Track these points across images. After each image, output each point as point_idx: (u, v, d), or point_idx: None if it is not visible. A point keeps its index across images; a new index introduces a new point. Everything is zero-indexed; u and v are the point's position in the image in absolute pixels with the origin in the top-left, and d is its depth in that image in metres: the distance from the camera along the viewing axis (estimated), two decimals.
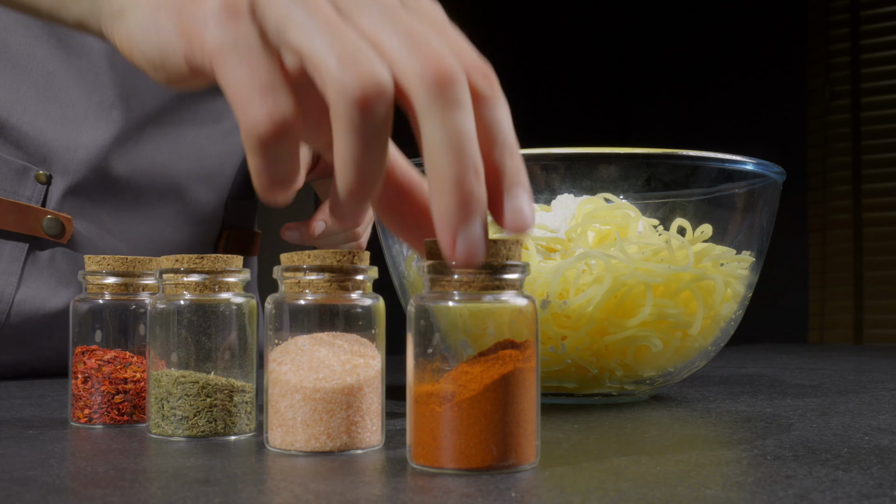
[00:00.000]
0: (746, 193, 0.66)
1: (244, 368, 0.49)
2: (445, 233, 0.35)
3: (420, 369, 0.39)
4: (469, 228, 0.35)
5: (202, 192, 0.92)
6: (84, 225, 0.84)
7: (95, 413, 0.52)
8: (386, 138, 0.35)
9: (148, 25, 0.39)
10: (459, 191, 0.34)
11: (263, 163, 0.35)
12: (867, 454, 0.42)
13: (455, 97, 0.34)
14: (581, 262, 0.59)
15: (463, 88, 0.35)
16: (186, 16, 0.37)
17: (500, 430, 0.38)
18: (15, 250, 0.81)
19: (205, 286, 0.48)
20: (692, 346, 0.63)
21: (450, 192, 0.34)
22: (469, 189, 0.34)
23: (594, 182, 0.66)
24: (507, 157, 0.36)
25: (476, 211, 0.35)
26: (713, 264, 0.63)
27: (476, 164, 0.35)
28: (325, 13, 0.35)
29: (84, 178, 0.83)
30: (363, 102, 0.34)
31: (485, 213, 0.35)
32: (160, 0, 0.39)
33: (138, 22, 0.40)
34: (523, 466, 0.38)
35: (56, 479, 0.37)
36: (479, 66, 0.36)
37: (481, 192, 0.35)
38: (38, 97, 0.81)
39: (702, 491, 0.34)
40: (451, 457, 0.38)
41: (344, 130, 0.34)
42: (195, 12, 0.37)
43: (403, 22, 0.36)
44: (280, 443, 0.43)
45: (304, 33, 0.35)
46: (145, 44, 0.40)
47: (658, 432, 0.50)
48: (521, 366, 0.38)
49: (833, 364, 1.02)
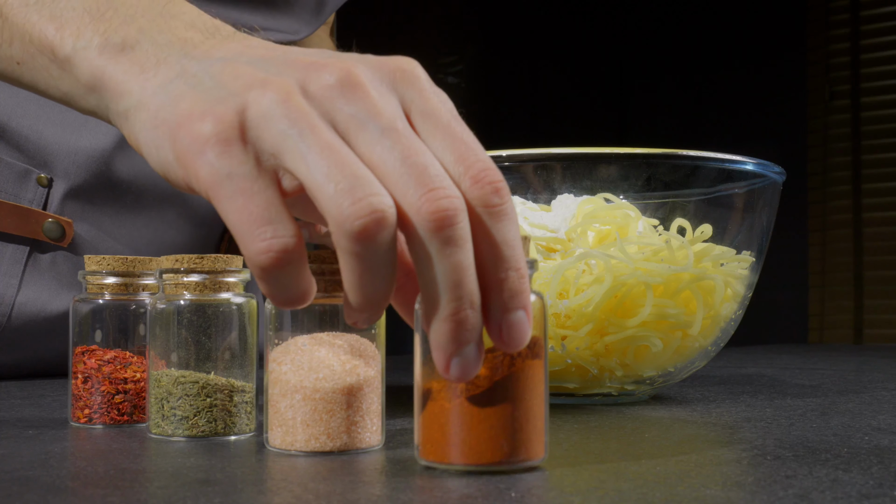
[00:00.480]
0: (746, 193, 0.66)
1: (244, 368, 0.49)
2: (440, 357, 0.35)
3: (429, 367, 0.39)
4: (463, 353, 0.35)
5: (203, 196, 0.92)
6: (85, 228, 0.84)
7: (95, 413, 0.52)
8: (392, 259, 0.35)
9: (148, 141, 0.39)
10: (455, 323, 0.34)
11: (271, 288, 0.36)
12: (867, 454, 0.42)
13: (454, 235, 0.34)
14: (581, 262, 0.59)
15: (463, 226, 0.34)
16: (180, 143, 0.37)
17: (510, 425, 0.38)
18: (16, 253, 0.81)
19: (205, 286, 0.48)
20: (692, 346, 0.63)
21: (445, 324, 0.35)
22: (464, 320, 0.34)
23: (594, 182, 0.66)
24: (511, 274, 0.36)
25: (470, 339, 0.35)
26: (713, 264, 0.63)
27: (472, 297, 0.35)
28: (322, 136, 0.35)
29: (85, 182, 0.83)
30: (364, 234, 0.33)
31: (480, 334, 0.35)
32: (158, 117, 0.38)
33: (142, 132, 0.40)
34: (532, 461, 0.38)
35: (56, 479, 0.37)
36: (488, 175, 0.35)
37: (476, 320, 0.35)
38: (39, 101, 0.81)
39: (702, 491, 0.34)
40: (461, 453, 0.38)
41: (347, 259, 0.34)
42: (187, 140, 0.36)
43: (403, 142, 0.35)
44: (280, 443, 0.43)
45: (300, 160, 0.34)
46: (148, 155, 0.40)
47: (658, 432, 0.50)
48: (531, 361, 0.38)
49: (833, 364, 1.02)
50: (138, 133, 0.40)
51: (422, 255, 0.34)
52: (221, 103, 0.36)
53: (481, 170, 0.36)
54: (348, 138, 0.35)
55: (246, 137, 0.36)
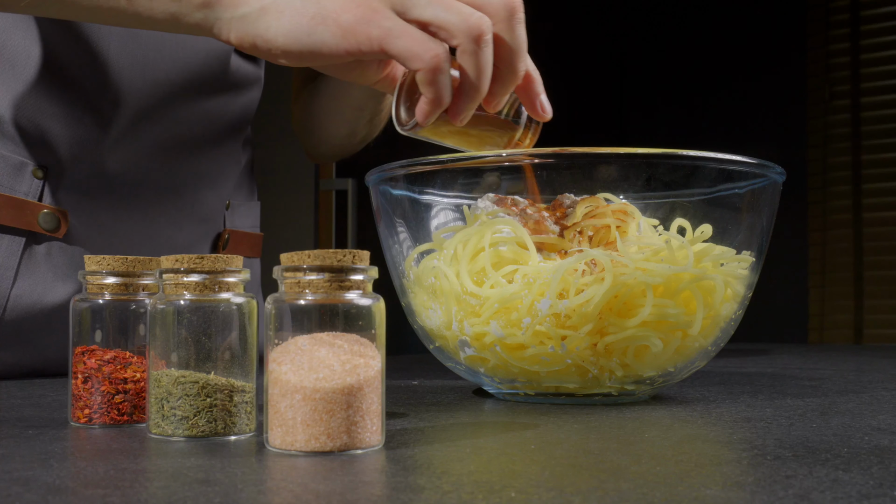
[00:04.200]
0: (746, 193, 0.66)
1: (244, 368, 0.49)
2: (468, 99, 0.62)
3: None
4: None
5: (200, 191, 0.92)
6: (81, 220, 0.84)
7: (95, 413, 0.52)
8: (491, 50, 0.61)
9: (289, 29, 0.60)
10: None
11: (436, 89, 0.59)
12: (867, 454, 0.42)
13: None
14: (581, 263, 0.59)
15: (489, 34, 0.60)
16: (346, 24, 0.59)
17: None
18: (11, 245, 0.81)
19: (205, 286, 0.48)
20: (692, 346, 0.63)
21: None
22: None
23: (594, 182, 0.66)
24: (529, 63, 0.65)
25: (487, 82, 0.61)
26: (713, 264, 0.63)
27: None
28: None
29: (80, 174, 0.83)
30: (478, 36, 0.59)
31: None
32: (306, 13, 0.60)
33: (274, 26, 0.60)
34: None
35: (56, 479, 0.37)
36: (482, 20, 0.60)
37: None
38: (34, 93, 0.81)
39: (702, 491, 0.34)
40: None
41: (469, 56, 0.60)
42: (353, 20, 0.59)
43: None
44: (280, 443, 0.43)
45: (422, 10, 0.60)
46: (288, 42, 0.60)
47: (658, 432, 0.50)
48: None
49: (833, 364, 1.02)
50: (269, 27, 0.60)
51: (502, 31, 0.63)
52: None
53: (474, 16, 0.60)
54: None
55: (385, 6, 0.59)
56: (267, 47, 0.60)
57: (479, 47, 0.59)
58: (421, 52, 0.58)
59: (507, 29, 0.61)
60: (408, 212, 0.69)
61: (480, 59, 0.59)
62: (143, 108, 0.85)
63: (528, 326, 0.60)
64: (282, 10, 0.60)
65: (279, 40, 0.60)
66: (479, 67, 0.59)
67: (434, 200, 0.69)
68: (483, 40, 0.59)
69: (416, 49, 0.58)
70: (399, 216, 0.69)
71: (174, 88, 0.87)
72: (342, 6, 0.59)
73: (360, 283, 0.45)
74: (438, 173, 0.66)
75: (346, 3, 0.59)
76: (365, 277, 0.45)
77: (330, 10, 0.59)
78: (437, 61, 0.58)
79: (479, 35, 0.59)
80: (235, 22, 0.61)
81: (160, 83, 0.86)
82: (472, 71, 0.60)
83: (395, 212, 0.69)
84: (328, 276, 0.44)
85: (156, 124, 0.87)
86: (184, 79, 0.87)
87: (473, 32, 0.59)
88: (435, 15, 0.59)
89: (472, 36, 0.59)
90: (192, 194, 0.92)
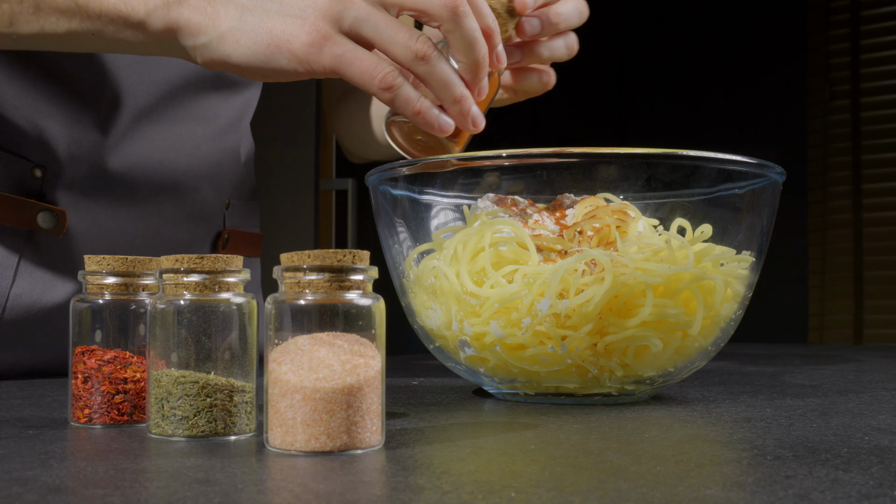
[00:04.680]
0: (746, 193, 0.66)
1: (244, 368, 0.49)
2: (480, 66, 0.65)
3: None
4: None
5: (200, 190, 0.92)
6: (79, 219, 0.84)
7: (95, 413, 0.52)
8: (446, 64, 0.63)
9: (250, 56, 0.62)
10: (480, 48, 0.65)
11: (400, 105, 0.62)
12: (867, 454, 0.42)
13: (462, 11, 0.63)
14: (581, 263, 0.59)
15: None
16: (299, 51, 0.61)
17: None
18: (10, 244, 0.81)
19: (205, 286, 0.48)
20: (692, 346, 0.63)
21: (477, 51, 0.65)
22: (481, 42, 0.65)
23: (594, 182, 0.66)
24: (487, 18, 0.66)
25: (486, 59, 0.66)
26: (713, 264, 0.63)
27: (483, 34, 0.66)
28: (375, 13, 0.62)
29: (79, 173, 0.83)
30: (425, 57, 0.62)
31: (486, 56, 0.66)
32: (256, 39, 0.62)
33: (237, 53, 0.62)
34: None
35: (56, 479, 0.37)
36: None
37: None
38: (33, 93, 0.81)
39: (702, 491, 0.34)
40: None
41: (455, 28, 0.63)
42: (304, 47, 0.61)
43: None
44: (280, 443, 0.43)
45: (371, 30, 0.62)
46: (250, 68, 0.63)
47: (658, 432, 0.50)
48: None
49: (833, 364, 1.02)
50: (229, 53, 0.62)
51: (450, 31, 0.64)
52: (305, 18, 0.61)
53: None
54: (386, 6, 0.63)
55: (335, 29, 0.61)
56: (236, 69, 0.63)
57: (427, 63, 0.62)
58: (371, 75, 0.61)
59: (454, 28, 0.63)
60: (408, 212, 0.69)
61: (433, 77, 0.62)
62: (141, 107, 0.85)
63: (528, 326, 0.60)
64: (237, 38, 0.62)
65: (243, 64, 0.62)
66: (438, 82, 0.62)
67: (434, 200, 0.69)
68: (428, 58, 0.62)
69: (368, 74, 0.61)
70: (399, 216, 0.69)
71: (173, 87, 0.87)
72: (292, 32, 0.61)
73: (361, 283, 0.45)
74: (438, 173, 0.66)
75: (295, 29, 0.61)
76: (365, 277, 0.45)
77: (281, 37, 0.61)
78: (387, 82, 0.61)
79: (424, 55, 0.62)
80: (199, 49, 0.63)
81: (158, 82, 0.86)
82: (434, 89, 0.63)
83: (395, 212, 0.69)
84: (328, 276, 0.44)
85: (155, 123, 0.87)
86: (182, 77, 0.87)
87: (418, 54, 0.62)
88: (379, 38, 0.61)
89: (418, 57, 0.62)
90: (192, 194, 0.92)
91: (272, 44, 0.61)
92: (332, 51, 0.60)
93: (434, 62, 0.62)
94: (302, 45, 0.60)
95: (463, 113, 0.64)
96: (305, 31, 0.60)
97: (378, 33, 0.61)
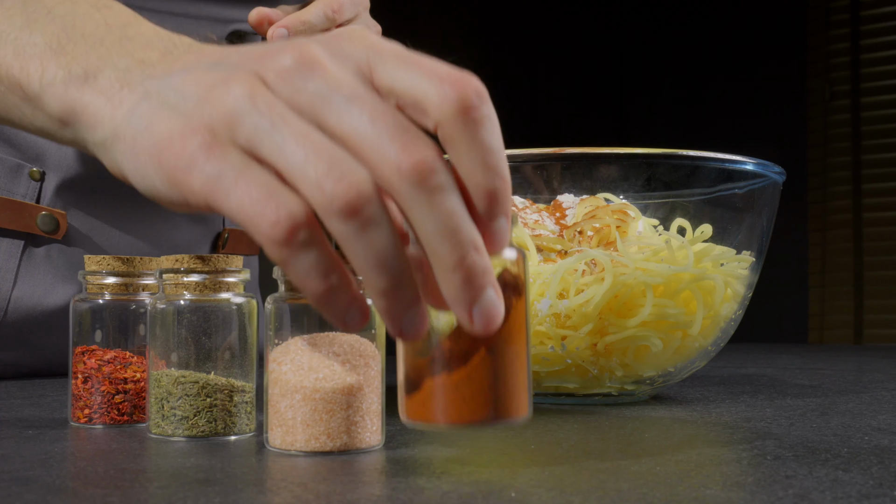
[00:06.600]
0: (746, 193, 0.66)
1: (244, 368, 0.49)
2: (461, 310, 0.35)
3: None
4: (482, 300, 0.35)
5: None
6: (79, 221, 0.84)
7: (95, 413, 0.52)
8: (390, 230, 0.34)
9: (132, 170, 0.39)
10: (464, 271, 0.34)
11: (302, 270, 0.34)
12: (867, 454, 0.42)
13: (437, 183, 0.34)
14: (581, 263, 0.59)
15: (446, 171, 0.34)
16: (166, 167, 0.37)
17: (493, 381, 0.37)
18: (10, 247, 0.81)
19: (205, 286, 0.48)
20: (692, 346, 0.63)
21: (455, 275, 0.34)
22: (472, 266, 0.34)
23: (594, 182, 0.66)
24: (498, 182, 0.35)
25: (485, 283, 0.34)
26: (713, 264, 0.63)
27: (474, 240, 0.34)
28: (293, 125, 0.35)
29: (77, 175, 0.83)
30: (349, 210, 0.33)
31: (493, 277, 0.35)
32: (136, 147, 0.38)
33: (124, 162, 0.40)
34: (516, 419, 0.37)
35: (56, 479, 0.37)
36: (467, 86, 0.35)
37: (484, 263, 0.34)
38: None
39: (702, 491, 0.34)
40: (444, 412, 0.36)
41: (346, 242, 0.34)
42: (172, 161, 0.36)
43: (369, 104, 0.35)
44: (280, 443, 0.43)
45: (277, 151, 0.35)
46: (136, 184, 0.39)
47: (658, 432, 0.50)
48: (510, 322, 0.37)
49: (833, 364, 1.02)
50: (121, 163, 0.40)
51: (414, 210, 0.34)
52: (191, 116, 0.37)
53: (459, 80, 0.35)
54: (316, 115, 0.35)
55: (223, 139, 0.36)
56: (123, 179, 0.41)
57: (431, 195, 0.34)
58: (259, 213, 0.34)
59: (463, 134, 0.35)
60: None
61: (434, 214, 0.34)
62: None
63: None
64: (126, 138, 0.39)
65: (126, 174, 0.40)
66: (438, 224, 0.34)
67: None
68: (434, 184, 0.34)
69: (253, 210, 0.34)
70: None
71: None
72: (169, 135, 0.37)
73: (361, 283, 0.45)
74: None
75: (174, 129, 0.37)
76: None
77: (159, 141, 0.37)
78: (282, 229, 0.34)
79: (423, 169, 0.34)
80: (98, 147, 0.41)
81: None
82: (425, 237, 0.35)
83: None
84: None
85: None
86: None
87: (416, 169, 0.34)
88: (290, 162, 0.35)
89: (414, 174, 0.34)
90: None
91: (148, 148, 0.38)
92: (204, 168, 0.35)
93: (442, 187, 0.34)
94: (171, 157, 0.36)
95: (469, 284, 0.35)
96: (179, 134, 0.36)
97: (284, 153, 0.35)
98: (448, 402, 0.37)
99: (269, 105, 0.35)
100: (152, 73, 0.40)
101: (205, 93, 0.37)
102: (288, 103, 0.36)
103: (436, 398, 0.37)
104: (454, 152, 0.35)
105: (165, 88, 0.38)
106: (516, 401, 0.37)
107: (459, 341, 0.37)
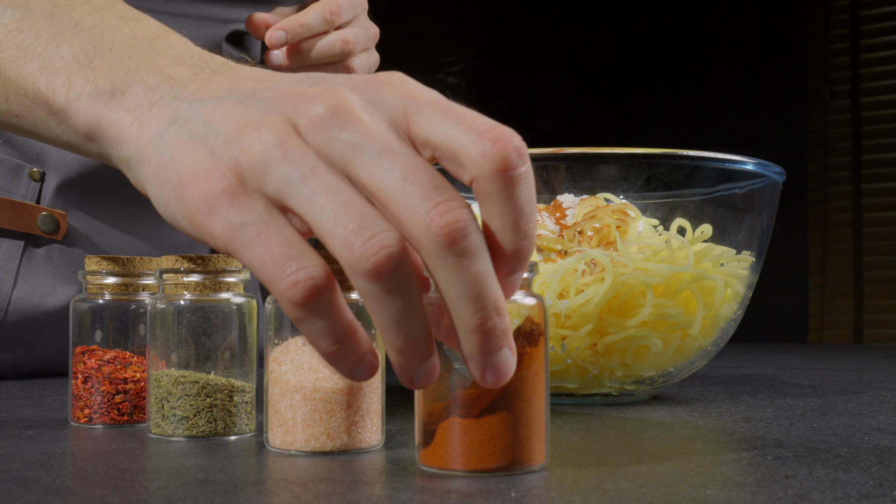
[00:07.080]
0: (746, 193, 0.66)
1: (244, 368, 0.49)
2: (475, 367, 0.35)
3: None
4: (496, 360, 0.35)
5: None
6: (79, 221, 0.84)
7: (95, 413, 0.52)
8: (414, 293, 0.34)
9: (155, 197, 0.39)
10: (483, 333, 0.34)
11: (316, 330, 0.34)
12: (867, 454, 0.42)
13: (469, 246, 0.34)
14: (581, 263, 0.60)
15: (476, 234, 0.34)
16: (188, 204, 0.36)
17: (511, 430, 0.38)
18: (11, 248, 0.81)
19: (205, 286, 0.48)
20: (692, 346, 0.63)
21: (474, 335, 0.34)
22: (492, 329, 0.34)
23: (594, 182, 0.66)
24: (527, 244, 0.35)
25: (501, 344, 0.35)
26: (713, 264, 0.63)
27: (497, 303, 0.34)
28: (324, 178, 0.35)
29: (77, 175, 0.83)
30: (378, 271, 0.33)
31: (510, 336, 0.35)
32: (160, 176, 0.38)
33: (147, 185, 0.39)
34: (533, 467, 0.38)
35: (56, 479, 0.37)
36: (508, 144, 0.35)
37: (504, 325, 0.35)
38: None
39: (702, 491, 0.34)
40: (461, 459, 0.37)
41: (368, 301, 0.34)
42: (195, 201, 0.36)
43: (402, 159, 0.34)
44: (280, 443, 0.43)
45: (306, 204, 0.35)
46: (159, 210, 0.39)
47: (658, 432, 0.50)
48: (526, 370, 0.38)
49: (833, 364, 1.02)
50: (144, 184, 0.39)
51: (441, 270, 0.34)
52: (219, 155, 0.36)
53: (499, 133, 0.35)
54: (347, 167, 0.35)
55: (249, 186, 0.35)
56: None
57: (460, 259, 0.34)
58: (279, 272, 0.34)
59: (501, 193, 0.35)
60: None
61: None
62: None
63: None
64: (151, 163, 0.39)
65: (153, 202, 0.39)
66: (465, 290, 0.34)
67: None
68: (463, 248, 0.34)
69: (273, 267, 0.34)
70: None
71: None
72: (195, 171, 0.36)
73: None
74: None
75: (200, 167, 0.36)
76: None
77: (184, 176, 0.37)
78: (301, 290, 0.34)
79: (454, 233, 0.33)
80: (122, 164, 0.41)
81: None
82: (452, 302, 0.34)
83: None
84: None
85: None
86: None
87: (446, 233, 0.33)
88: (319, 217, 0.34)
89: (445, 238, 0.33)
90: None
91: (169, 181, 0.37)
92: (226, 217, 0.35)
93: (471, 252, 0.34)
94: (194, 198, 0.36)
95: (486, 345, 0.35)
96: (205, 173, 0.36)
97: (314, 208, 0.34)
98: (461, 449, 0.38)
99: (300, 155, 0.35)
100: (182, 94, 0.39)
101: (235, 133, 0.36)
102: (319, 153, 0.35)
103: (450, 444, 0.38)
104: (487, 208, 0.35)
105: (195, 117, 0.38)
106: (529, 448, 0.38)
107: (474, 388, 0.37)
